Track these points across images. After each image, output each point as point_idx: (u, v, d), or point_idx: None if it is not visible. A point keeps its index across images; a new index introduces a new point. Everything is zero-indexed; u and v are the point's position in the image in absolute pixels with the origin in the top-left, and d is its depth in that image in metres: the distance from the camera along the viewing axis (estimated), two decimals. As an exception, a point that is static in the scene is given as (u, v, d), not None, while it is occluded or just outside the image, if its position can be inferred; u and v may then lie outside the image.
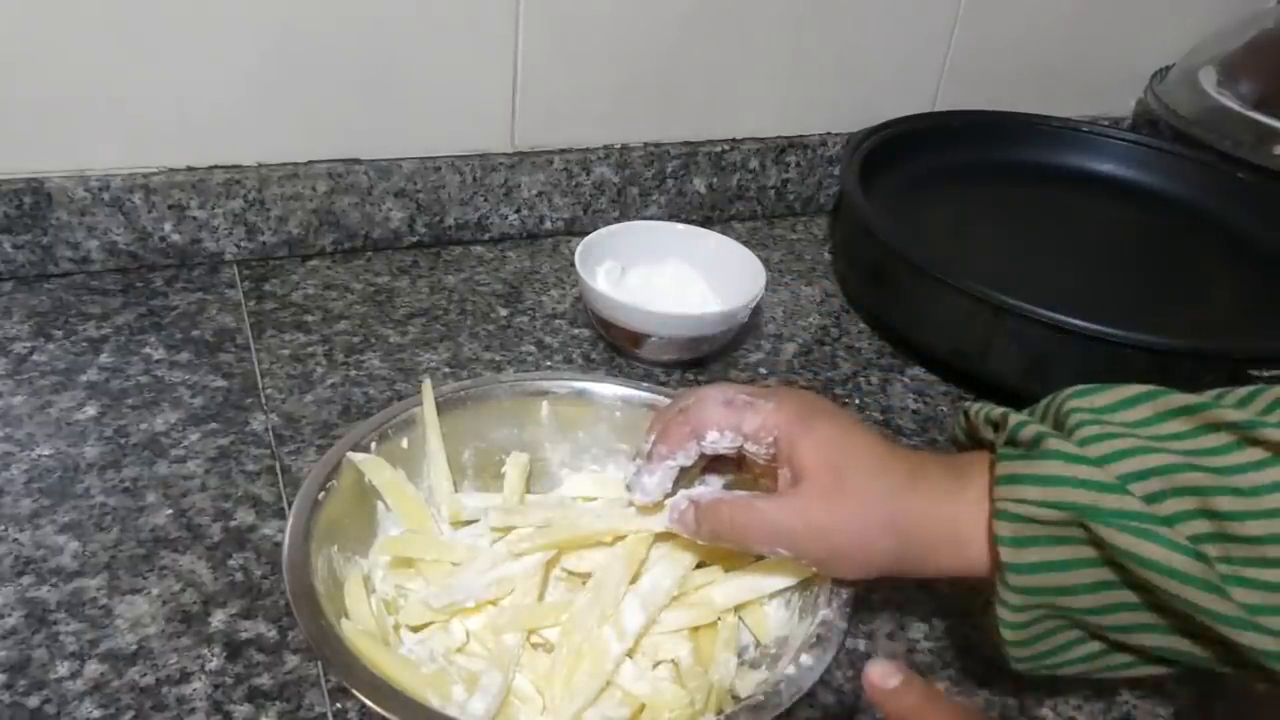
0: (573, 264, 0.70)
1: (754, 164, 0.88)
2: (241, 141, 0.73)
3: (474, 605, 0.46)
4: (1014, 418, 0.43)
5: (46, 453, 0.57)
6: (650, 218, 0.86)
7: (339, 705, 0.45)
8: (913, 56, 0.91)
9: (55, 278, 0.72)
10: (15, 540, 0.52)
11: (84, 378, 0.63)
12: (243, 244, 0.76)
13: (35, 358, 0.65)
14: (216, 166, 0.73)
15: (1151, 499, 0.38)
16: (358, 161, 0.77)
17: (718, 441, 0.45)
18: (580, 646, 0.44)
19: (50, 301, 0.70)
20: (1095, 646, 0.42)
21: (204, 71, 0.70)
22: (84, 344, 0.66)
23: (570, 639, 0.44)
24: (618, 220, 0.82)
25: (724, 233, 0.76)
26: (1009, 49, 0.93)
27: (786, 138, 0.89)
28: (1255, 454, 0.38)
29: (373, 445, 0.50)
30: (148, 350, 0.66)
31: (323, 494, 0.47)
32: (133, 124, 0.70)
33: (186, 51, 0.69)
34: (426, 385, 0.53)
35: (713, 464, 0.49)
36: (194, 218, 0.74)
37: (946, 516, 0.42)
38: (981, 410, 0.45)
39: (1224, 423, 0.39)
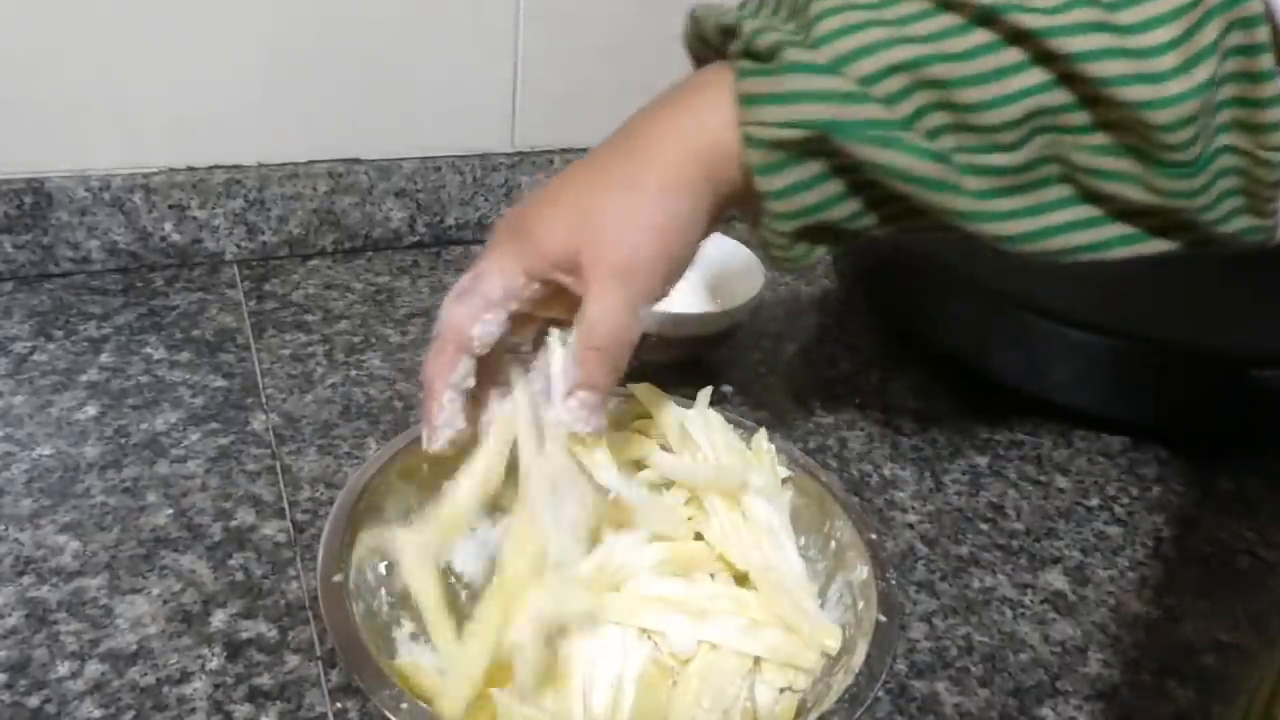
0: (573, 264, 0.70)
1: (754, 164, 0.88)
2: (241, 141, 0.73)
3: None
4: (749, 25, 0.38)
5: (47, 452, 0.57)
6: (650, 218, 0.85)
7: (339, 705, 0.46)
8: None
9: (55, 278, 0.72)
10: (15, 540, 0.52)
11: (84, 378, 0.63)
12: (243, 244, 0.76)
13: (35, 358, 0.65)
14: (216, 166, 0.73)
15: (892, 98, 0.37)
16: (358, 161, 0.77)
17: (486, 331, 0.41)
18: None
19: (50, 301, 0.70)
20: (854, 233, 0.42)
21: (204, 71, 0.70)
22: (84, 344, 0.66)
23: None
24: (618, 220, 0.82)
25: (724, 233, 0.76)
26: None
27: (786, 138, 0.89)
28: (985, 36, 0.37)
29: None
30: (148, 350, 0.66)
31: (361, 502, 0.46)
32: (133, 124, 0.70)
33: (186, 51, 0.69)
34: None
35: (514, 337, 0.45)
36: (194, 218, 0.74)
37: (703, 139, 0.40)
38: (710, 15, 0.41)
39: (965, 4, 0.37)
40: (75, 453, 0.58)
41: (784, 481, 0.50)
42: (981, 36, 0.37)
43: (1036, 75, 0.37)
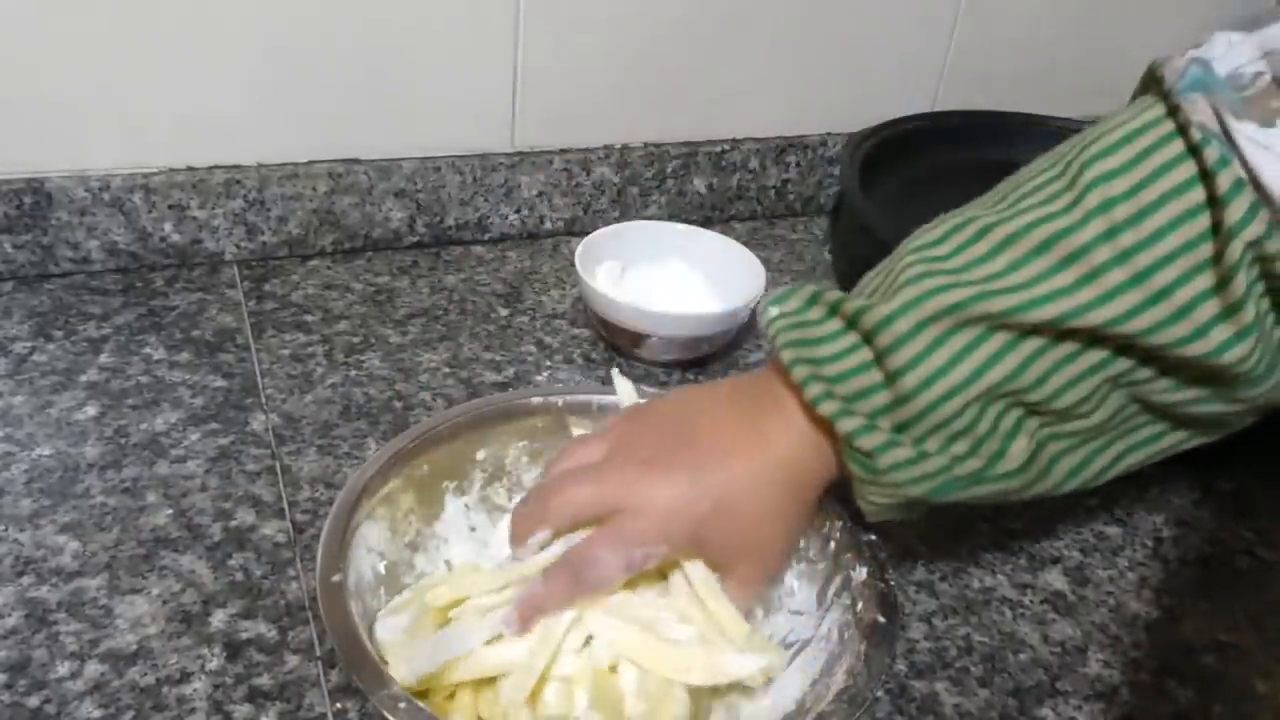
0: (573, 264, 0.70)
1: (754, 164, 0.88)
2: (241, 141, 0.73)
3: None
4: (845, 425, 0.44)
5: (47, 453, 0.57)
6: (650, 218, 0.86)
7: (339, 705, 0.46)
8: (913, 56, 0.91)
9: (55, 278, 0.72)
10: (15, 540, 0.52)
11: (84, 378, 0.63)
12: (243, 244, 0.76)
13: (35, 358, 0.65)
14: (216, 166, 0.73)
15: (973, 423, 0.43)
16: (358, 161, 0.77)
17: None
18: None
19: (50, 301, 0.70)
20: None
21: (204, 71, 0.70)
22: (84, 344, 0.66)
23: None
24: (618, 220, 0.82)
25: (724, 233, 0.76)
26: (1009, 49, 0.93)
27: (786, 138, 0.89)
28: (1037, 342, 0.42)
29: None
30: (148, 350, 0.66)
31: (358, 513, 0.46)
32: (133, 124, 0.70)
33: (186, 51, 0.69)
34: None
35: None
36: (194, 218, 0.74)
37: (828, 467, 0.47)
38: (809, 386, 0.45)
39: (1023, 324, 0.42)
40: (75, 453, 0.58)
41: None
42: (1034, 344, 0.42)
43: (1098, 354, 0.42)
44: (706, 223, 0.85)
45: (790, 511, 0.47)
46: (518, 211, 0.83)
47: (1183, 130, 0.40)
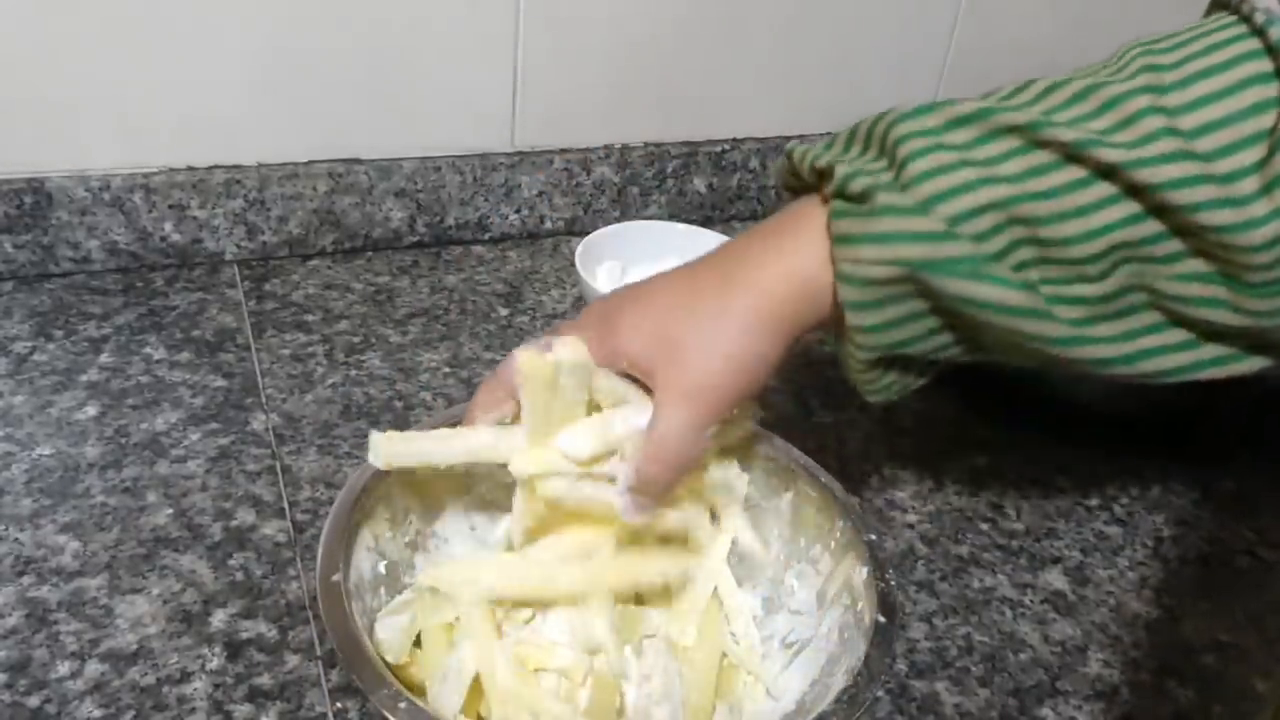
0: (573, 264, 0.70)
1: (754, 164, 0.88)
2: (241, 141, 0.73)
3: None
4: (841, 169, 0.40)
5: (47, 452, 0.57)
6: (650, 218, 0.86)
7: (339, 705, 0.46)
8: (913, 56, 0.91)
9: (55, 278, 0.72)
10: (15, 540, 0.52)
11: (84, 378, 0.63)
12: (243, 244, 0.76)
13: (35, 358, 0.65)
14: (216, 166, 0.74)
15: (982, 236, 0.39)
16: (358, 161, 0.77)
17: None
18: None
19: (50, 301, 0.70)
20: (930, 373, 0.45)
21: (204, 71, 0.70)
22: (84, 344, 0.66)
23: None
24: (618, 220, 0.82)
25: (724, 233, 0.76)
26: (1009, 49, 0.93)
27: (786, 138, 0.89)
28: (1075, 172, 0.39)
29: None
30: (148, 350, 0.66)
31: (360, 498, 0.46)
32: (133, 124, 0.70)
33: (186, 51, 0.69)
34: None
35: None
36: (194, 218, 0.74)
37: (796, 274, 0.42)
38: (806, 156, 0.43)
39: (1052, 141, 0.39)
40: (75, 453, 0.58)
41: (785, 484, 0.50)
42: (1070, 173, 0.39)
43: (1124, 209, 0.39)
44: (706, 223, 0.85)
45: (738, 328, 0.41)
46: (518, 211, 0.83)
47: (1246, 18, 0.39)
